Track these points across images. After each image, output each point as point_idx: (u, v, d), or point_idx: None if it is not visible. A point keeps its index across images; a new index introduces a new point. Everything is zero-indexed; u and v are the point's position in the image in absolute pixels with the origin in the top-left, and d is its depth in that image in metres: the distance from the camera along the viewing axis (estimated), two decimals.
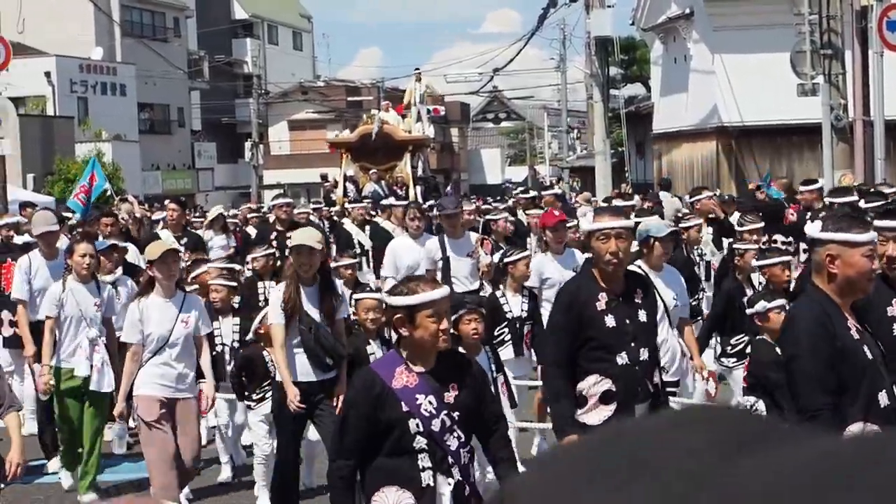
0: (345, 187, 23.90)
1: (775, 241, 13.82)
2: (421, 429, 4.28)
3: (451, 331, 6.91)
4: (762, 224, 9.93)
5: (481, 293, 9.15)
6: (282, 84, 52.28)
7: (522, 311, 8.19)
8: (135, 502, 0.92)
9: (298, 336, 6.59)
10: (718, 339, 8.34)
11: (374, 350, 6.98)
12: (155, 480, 6.94)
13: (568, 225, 12.23)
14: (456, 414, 4.33)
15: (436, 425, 4.29)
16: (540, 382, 8.18)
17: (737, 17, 26.52)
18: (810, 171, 24.86)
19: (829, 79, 17.81)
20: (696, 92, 28.27)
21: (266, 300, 9.84)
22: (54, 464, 8.51)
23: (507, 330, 8.07)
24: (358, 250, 13.29)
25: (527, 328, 8.19)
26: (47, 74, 38.05)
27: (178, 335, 6.98)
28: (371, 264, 13.91)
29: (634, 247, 6.38)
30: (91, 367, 7.82)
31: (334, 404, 6.56)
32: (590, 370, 5.17)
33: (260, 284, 9.85)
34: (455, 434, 4.33)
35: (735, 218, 14.15)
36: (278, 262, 11.00)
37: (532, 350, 8.16)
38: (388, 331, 7.41)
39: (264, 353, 7.35)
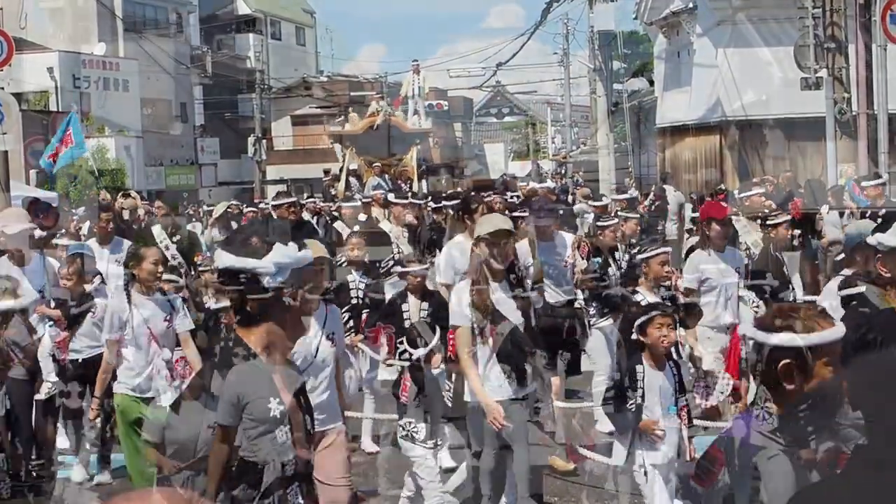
0: (347, 181, 23.81)
1: None
2: None
3: (637, 337, 5.62)
4: None
5: (576, 303, 8.36)
6: (285, 79, 52.21)
7: None
8: (158, 495, 0.90)
9: (489, 343, 5.55)
10: None
11: None
12: None
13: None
14: None
15: None
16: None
17: (740, 11, 26.44)
18: (814, 165, 24.83)
19: (832, 72, 17.75)
20: (699, 86, 28.20)
21: None
22: None
23: None
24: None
25: None
26: (50, 69, 38.02)
27: (323, 356, 5.61)
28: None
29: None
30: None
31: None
32: None
33: None
34: None
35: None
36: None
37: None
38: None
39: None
